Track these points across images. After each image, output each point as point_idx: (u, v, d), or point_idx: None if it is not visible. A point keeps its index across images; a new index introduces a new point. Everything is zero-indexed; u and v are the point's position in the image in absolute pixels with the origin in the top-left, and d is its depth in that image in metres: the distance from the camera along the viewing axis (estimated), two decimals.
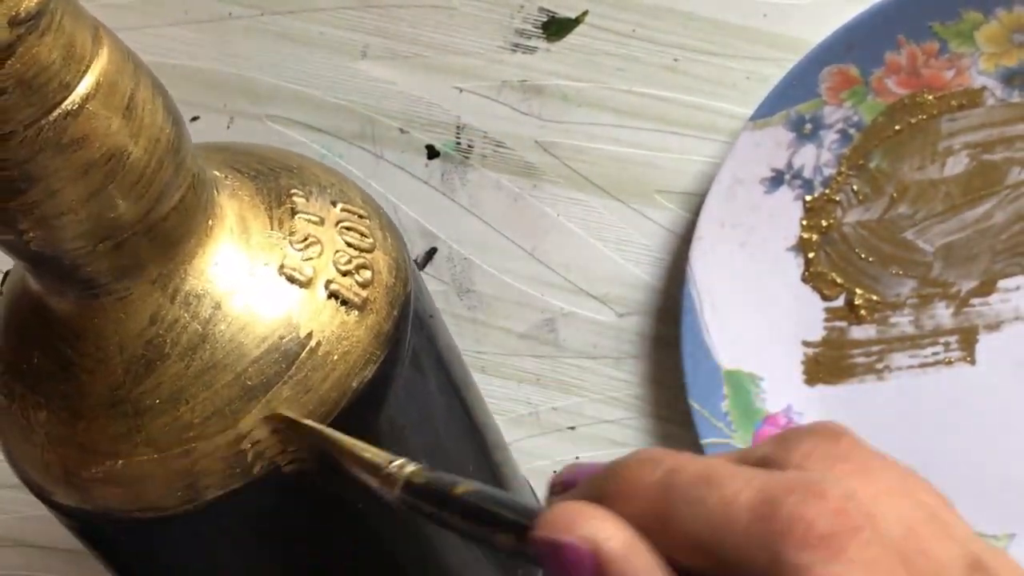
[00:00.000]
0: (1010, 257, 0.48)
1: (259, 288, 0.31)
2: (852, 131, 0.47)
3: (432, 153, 0.51)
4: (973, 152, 0.47)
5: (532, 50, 0.49)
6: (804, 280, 0.49)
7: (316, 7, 0.49)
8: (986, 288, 0.48)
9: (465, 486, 0.27)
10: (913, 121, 0.47)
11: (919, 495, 0.23)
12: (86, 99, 0.27)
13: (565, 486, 0.26)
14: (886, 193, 0.48)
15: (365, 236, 0.34)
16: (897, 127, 0.47)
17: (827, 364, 0.50)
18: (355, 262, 0.33)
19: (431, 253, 0.52)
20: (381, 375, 0.32)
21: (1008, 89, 0.46)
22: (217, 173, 0.32)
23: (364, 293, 0.32)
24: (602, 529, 0.22)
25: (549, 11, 0.49)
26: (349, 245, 0.33)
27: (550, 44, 0.49)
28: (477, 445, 0.42)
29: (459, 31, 0.49)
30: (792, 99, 0.46)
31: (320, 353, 0.31)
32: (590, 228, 0.51)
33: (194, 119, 0.51)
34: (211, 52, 0.51)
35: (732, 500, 0.21)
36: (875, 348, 0.49)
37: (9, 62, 0.25)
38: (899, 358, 0.49)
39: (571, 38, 0.49)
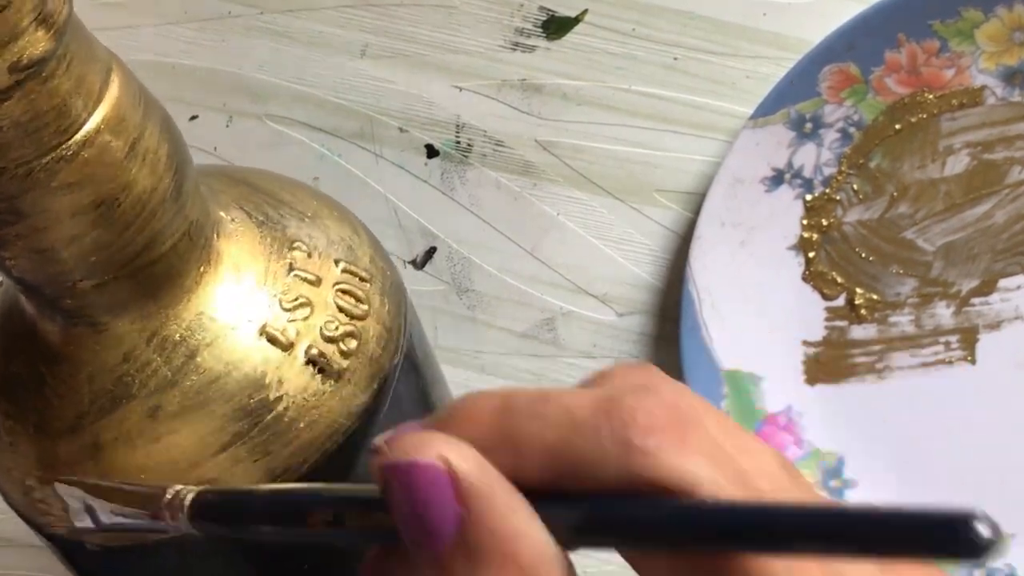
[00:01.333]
0: (1011, 256, 0.48)
1: (237, 344, 0.30)
2: (852, 130, 0.47)
3: (431, 152, 0.51)
4: (974, 151, 0.47)
5: (532, 49, 0.49)
6: (804, 279, 0.49)
7: (316, 6, 0.49)
8: (986, 287, 0.48)
9: (271, 486, 0.25)
10: (913, 120, 0.47)
11: None
12: (83, 145, 0.26)
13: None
14: (886, 192, 0.48)
15: (360, 302, 0.32)
16: (897, 126, 0.47)
17: (827, 364, 0.50)
18: (342, 329, 0.31)
19: (431, 252, 0.52)
20: (347, 445, 0.31)
21: (1008, 88, 0.46)
22: (223, 214, 0.31)
23: (344, 363, 0.31)
24: (452, 450, 0.22)
25: (549, 10, 0.49)
26: (341, 310, 0.32)
27: (550, 43, 0.49)
28: None
29: (459, 30, 0.49)
30: (792, 98, 0.46)
31: (286, 419, 0.30)
32: (590, 227, 0.51)
33: (193, 118, 0.51)
34: (210, 51, 0.50)
35: (572, 406, 0.22)
36: (875, 348, 0.49)
37: (6, 104, 0.24)
38: (899, 358, 0.49)
39: (571, 37, 0.49)
